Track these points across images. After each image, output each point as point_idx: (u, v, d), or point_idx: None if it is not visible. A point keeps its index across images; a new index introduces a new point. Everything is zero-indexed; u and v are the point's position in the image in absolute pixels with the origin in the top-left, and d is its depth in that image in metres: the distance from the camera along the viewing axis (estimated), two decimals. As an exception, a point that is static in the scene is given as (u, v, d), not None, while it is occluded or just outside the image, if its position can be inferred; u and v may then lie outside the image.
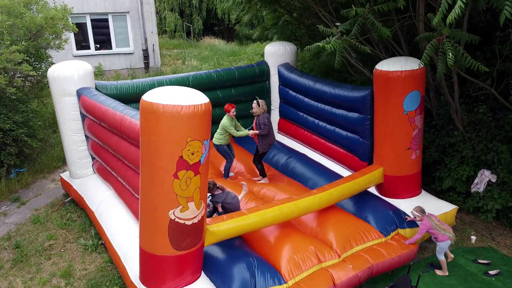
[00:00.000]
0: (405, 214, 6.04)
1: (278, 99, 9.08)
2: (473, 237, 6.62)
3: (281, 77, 8.70)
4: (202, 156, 4.34)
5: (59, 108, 6.94)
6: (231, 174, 7.55)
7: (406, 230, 5.91)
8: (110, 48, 15.47)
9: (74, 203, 7.55)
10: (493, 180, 6.76)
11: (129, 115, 5.55)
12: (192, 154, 4.24)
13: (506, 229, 6.83)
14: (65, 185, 7.68)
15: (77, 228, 6.88)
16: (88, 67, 7.01)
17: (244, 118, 9.00)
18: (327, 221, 5.78)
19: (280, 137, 9.02)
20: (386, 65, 5.85)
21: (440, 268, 5.81)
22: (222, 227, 4.99)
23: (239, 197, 6.00)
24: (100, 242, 6.41)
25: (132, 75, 15.21)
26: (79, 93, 6.80)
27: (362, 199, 6.24)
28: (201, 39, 24.13)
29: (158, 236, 4.45)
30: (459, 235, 6.73)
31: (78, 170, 7.32)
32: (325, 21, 7.73)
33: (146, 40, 15.62)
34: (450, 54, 4.23)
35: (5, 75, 6.97)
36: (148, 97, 4.18)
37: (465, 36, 4.64)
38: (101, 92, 7.20)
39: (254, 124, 7.19)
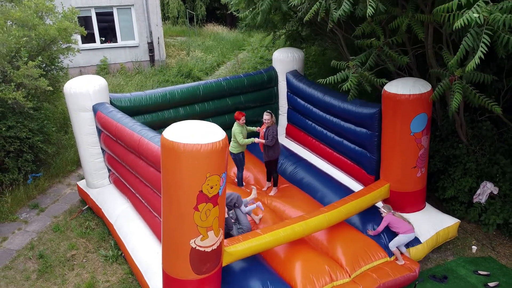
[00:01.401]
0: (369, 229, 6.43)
1: (286, 104, 9.26)
2: (474, 247, 6.95)
3: (289, 84, 8.86)
4: (220, 188, 4.60)
5: (76, 122, 7.16)
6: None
7: (410, 250, 6.24)
8: (115, 41, 15.52)
9: (91, 211, 7.86)
10: (495, 192, 7.02)
11: (147, 137, 5.78)
12: (211, 188, 4.50)
13: (506, 238, 7.14)
14: (82, 193, 7.98)
15: (96, 237, 7.21)
16: (103, 82, 7.19)
17: (253, 123, 9.22)
18: (337, 239, 6.10)
19: (288, 142, 9.25)
20: (395, 87, 6.02)
21: (437, 278, 6.19)
22: (239, 248, 5.30)
23: (247, 199, 6.38)
24: (119, 253, 6.75)
25: (137, 68, 15.30)
26: (95, 109, 7.00)
27: (369, 215, 6.53)
28: (204, 25, 23.99)
29: (180, 262, 4.76)
30: (461, 244, 7.06)
31: (95, 180, 7.59)
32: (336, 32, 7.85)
33: (151, 33, 15.63)
34: (458, 96, 4.44)
35: (23, 90, 7.15)
36: (169, 135, 4.40)
37: (478, 76, 4.81)
38: (115, 105, 7.41)
39: (261, 134, 7.42)
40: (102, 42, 15.31)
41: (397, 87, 6.00)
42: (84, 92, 6.93)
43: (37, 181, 8.75)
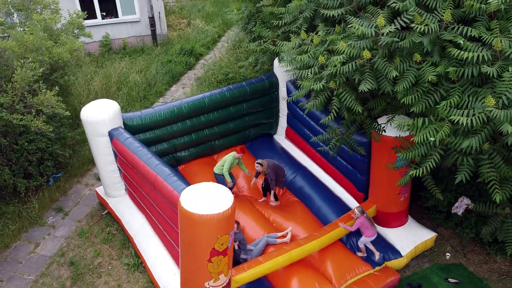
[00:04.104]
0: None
1: (286, 109, 9.81)
2: (448, 254, 7.97)
3: (289, 93, 9.35)
4: (229, 242, 5.46)
5: (94, 145, 7.84)
6: None
7: (392, 262, 7.24)
8: (117, 16, 15.51)
9: (111, 215, 8.78)
10: (470, 207, 7.89)
11: (163, 176, 6.50)
12: (222, 244, 5.36)
13: (477, 245, 8.14)
14: (101, 199, 8.85)
15: (118, 244, 8.20)
16: (116, 107, 7.76)
17: (255, 126, 9.89)
18: (327, 256, 7.07)
19: (287, 144, 9.93)
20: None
21: (413, 286, 7.26)
22: (243, 275, 6.29)
23: (277, 241, 7.22)
24: (139, 261, 7.77)
25: (140, 46, 15.46)
26: (111, 135, 7.64)
27: (356, 233, 7.46)
28: (204, -17, 23.32)
29: (196, 297, 5.77)
30: (437, 250, 8.08)
31: (113, 192, 8.43)
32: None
33: (151, 7, 15.57)
34: (407, 178, 5.27)
35: (43, 116, 7.73)
36: (186, 204, 5.17)
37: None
38: (128, 124, 8.04)
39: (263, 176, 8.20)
40: (103, 17, 15.32)
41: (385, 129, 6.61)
42: (100, 120, 7.54)
43: (58, 182, 9.59)
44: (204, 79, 13.16)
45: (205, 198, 5.23)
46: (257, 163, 8.04)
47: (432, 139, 4.44)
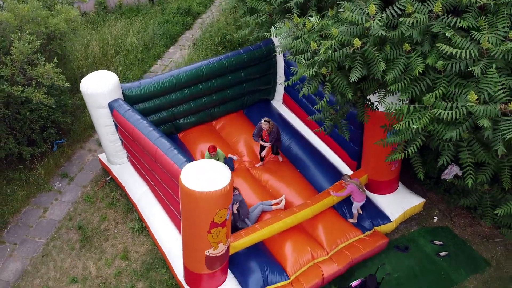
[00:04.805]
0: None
1: (283, 75, 9.89)
2: (435, 218, 8.42)
3: (286, 62, 9.40)
4: (227, 215, 5.83)
5: (95, 116, 8.04)
6: (234, 157, 8.93)
7: (381, 227, 7.69)
8: (111, -27, 15.09)
9: (114, 181, 9.14)
10: (459, 174, 8.23)
11: (163, 150, 6.76)
12: (221, 217, 5.74)
13: (464, 209, 8.57)
14: (104, 166, 9.17)
15: (123, 208, 8.62)
16: (115, 79, 7.87)
17: (253, 93, 10.03)
18: (320, 222, 7.51)
19: (284, 110, 10.12)
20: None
21: (400, 248, 7.75)
22: (241, 242, 6.74)
23: (272, 207, 7.66)
24: (143, 225, 8.22)
25: (136, 5, 15.16)
26: (111, 106, 7.81)
27: (347, 199, 7.85)
28: None
29: (198, 263, 6.23)
30: (426, 214, 8.52)
31: (115, 159, 8.74)
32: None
33: (146, -37, 15.10)
34: (397, 155, 5.48)
35: (43, 87, 7.87)
36: (187, 182, 5.48)
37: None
38: (127, 95, 8.19)
39: (265, 137, 8.36)
40: (97, -26, 14.91)
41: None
42: (100, 92, 7.68)
43: (62, 148, 9.87)
44: (202, 41, 13.05)
45: (205, 175, 5.53)
46: (265, 120, 8.27)
47: (414, 126, 4.63)
